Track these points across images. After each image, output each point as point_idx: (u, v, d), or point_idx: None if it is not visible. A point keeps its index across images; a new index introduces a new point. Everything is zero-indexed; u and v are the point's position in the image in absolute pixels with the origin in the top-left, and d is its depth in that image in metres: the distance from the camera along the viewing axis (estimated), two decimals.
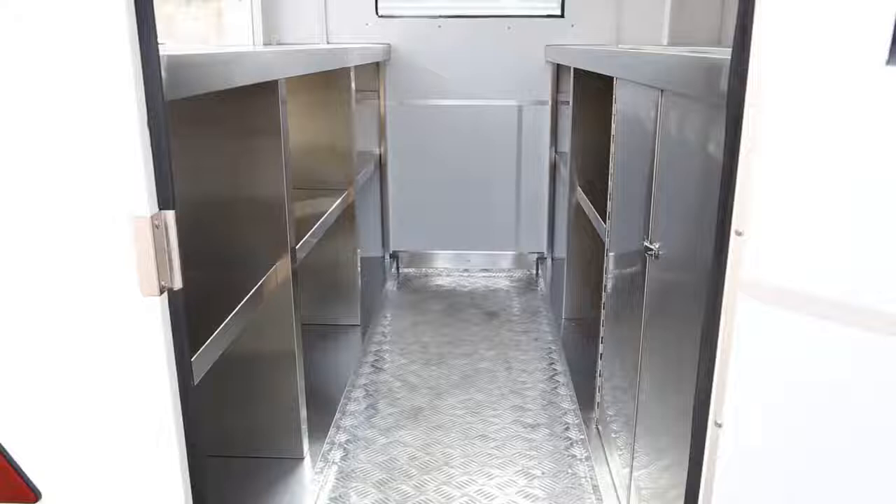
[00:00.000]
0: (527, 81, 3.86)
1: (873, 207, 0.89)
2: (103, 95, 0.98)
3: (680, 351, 1.47)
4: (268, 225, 1.97)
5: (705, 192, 1.31)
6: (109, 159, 1.01)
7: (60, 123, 1.00)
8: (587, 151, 3.04)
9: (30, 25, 0.97)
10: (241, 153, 1.93)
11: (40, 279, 1.07)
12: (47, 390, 1.12)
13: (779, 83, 0.90)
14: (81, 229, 1.04)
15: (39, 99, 0.99)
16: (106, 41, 0.97)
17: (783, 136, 0.91)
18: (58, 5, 0.96)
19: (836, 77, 0.87)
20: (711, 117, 1.28)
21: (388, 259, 4.16)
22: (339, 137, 2.92)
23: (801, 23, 0.87)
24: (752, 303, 0.99)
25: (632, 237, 1.92)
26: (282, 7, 3.81)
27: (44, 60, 0.98)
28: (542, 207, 4.04)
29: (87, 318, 1.08)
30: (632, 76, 1.92)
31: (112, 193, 1.03)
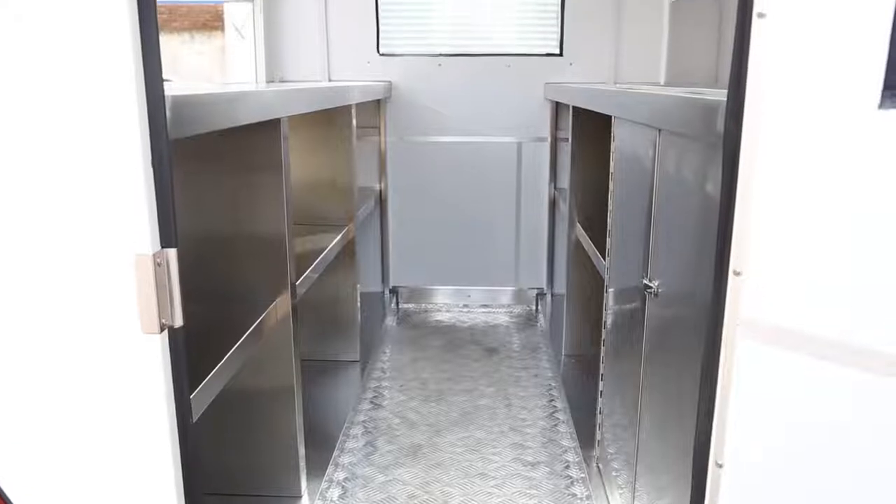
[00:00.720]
0: (526, 118, 3.90)
1: (870, 248, 0.90)
2: (109, 135, 1.00)
3: (680, 389, 1.47)
4: (268, 261, 1.98)
5: (703, 230, 1.32)
6: (113, 197, 1.02)
7: (66, 162, 1.01)
8: (586, 188, 3.06)
9: (37, 64, 0.98)
10: (243, 189, 1.95)
11: (42, 314, 1.07)
12: (45, 426, 1.12)
13: (775, 125, 0.91)
14: (83, 266, 1.05)
15: (45, 138, 1.01)
16: (112, 82, 0.98)
17: (779, 177, 0.92)
18: (65, 46, 0.98)
19: (831, 120, 0.88)
20: (709, 157, 1.30)
21: (388, 294, 4.16)
22: (339, 173, 2.94)
23: (795, 67, 0.89)
24: (751, 342, 0.99)
25: (631, 274, 1.92)
26: (284, 44, 3.87)
27: (50, 99, 0.99)
28: (542, 243, 4.05)
29: (87, 354, 1.08)
30: (630, 115, 1.95)
31: (115, 231, 1.03)
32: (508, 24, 3.86)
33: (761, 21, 0.89)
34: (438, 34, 3.89)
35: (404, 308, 4.16)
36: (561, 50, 3.84)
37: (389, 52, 3.88)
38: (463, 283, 4.16)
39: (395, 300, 4.18)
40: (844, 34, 0.87)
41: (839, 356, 0.93)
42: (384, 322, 3.91)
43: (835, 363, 0.94)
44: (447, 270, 4.14)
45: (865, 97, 0.85)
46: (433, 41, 3.89)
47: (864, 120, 0.86)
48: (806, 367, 0.95)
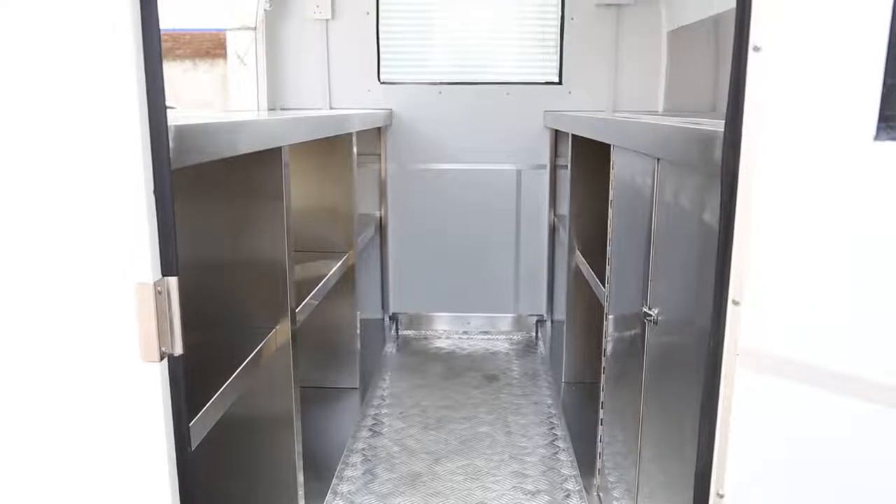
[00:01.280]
0: (526, 146, 3.93)
1: (870, 277, 0.90)
2: (111, 164, 1.01)
3: (681, 418, 1.46)
4: (268, 287, 1.98)
5: (702, 259, 1.33)
6: (115, 226, 1.03)
7: (69, 190, 1.02)
8: (586, 215, 3.07)
9: (41, 93, 0.99)
10: (243, 216, 1.95)
11: (42, 342, 1.07)
12: (44, 453, 1.11)
13: (772, 156, 0.92)
14: (84, 294, 1.05)
15: (48, 166, 1.01)
16: (115, 111, 0.99)
17: (778, 207, 0.93)
18: (69, 74, 0.99)
19: (827, 151, 0.89)
20: (707, 186, 1.30)
21: (388, 321, 4.16)
22: (340, 201, 2.95)
23: (791, 99, 0.90)
24: (750, 372, 0.99)
25: (631, 302, 1.93)
26: (286, 72, 3.90)
27: (54, 127, 1.00)
28: (542, 270, 4.05)
29: (87, 382, 1.08)
30: (628, 144, 1.96)
31: (116, 259, 1.04)
32: (508, 52, 3.90)
33: (757, 54, 0.90)
34: (439, 63, 3.93)
35: (404, 335, 4.16)
36: (560, 78, 3.87)
37: (390, 80, 3.92)
38: (463, 310, 4.16)
39: (394, 327, 4.17)
40: (839, 67, 0.88)
41: (840, 386, 0.93)
42: (384, 349, 3.90)
43: (835, 393, 0.94)
44: (447, 297, 4.14)
45: (861, 129, 0.86)
46: (433, 69, 3.93)
47: (860, 151, 0.87)
48: (806, 397, 0.95)
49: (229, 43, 3.97)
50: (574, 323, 3.22)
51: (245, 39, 3.85)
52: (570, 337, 3.24)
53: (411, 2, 3.87)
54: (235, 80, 3.92)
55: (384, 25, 3.86)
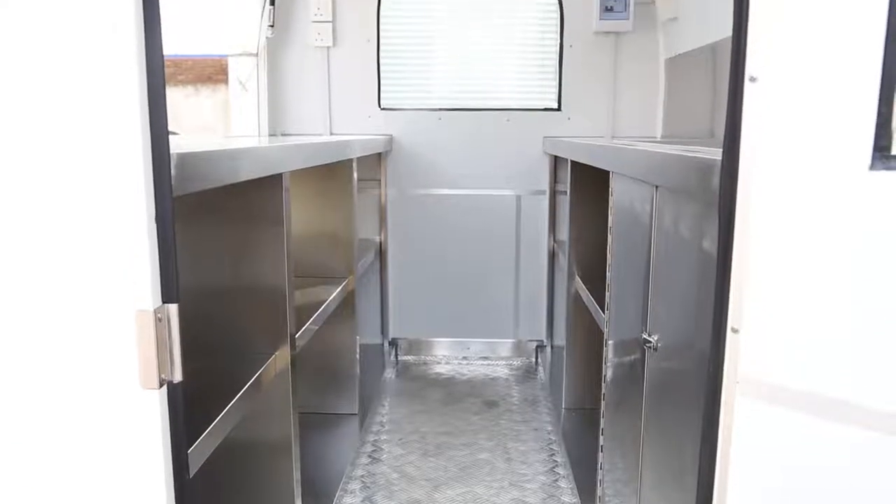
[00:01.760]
0: (525, 171, 3.94)
1: (868, 306, 0.90)
2: (114, 191, 1.01)
3: (681, 445, 1.46)
4: (268, 313, 1.98)
5: (701, 286, 1.33)
6: (116, 252, 1.03)
7: (70, 217, 1.02)
8: (585, 240, 3.08)
9: (45, 118, 1.00)
10: (243, 241, 1.96)
11: (41, 368, 1.07)
12: (42, 480, 1.11)
13: (769, 185, 0.93)
14: (84, 320, 1.05)
15: (51, 192, 1.02)
16: (118, 139, 1.00)
17: (775, 235, 0.93)
18: (72, 103, 1.00)
19: (824, 180, 0.90)
20: (705, 214, 1.31)
21: (388, 346, 4.15)
22: (340, 226, 2.96)
23: (788, 129, 0.91)
24: (750, 400, 0.99)
25: (630, 328, 1.93)
26: (287, 98, 3.93)
27: (57, 153, 1.01)
28: (541, 295, 4.05)
29: (85, 408, 1.08)
30: (627, 171, 1.97)
31: (116, 286, 1.04)
32: (507, 79, 3.94)
33: (753, 85, 0.91)
34: (439, 89, 3.96)
35: (403, 360, 4.15)
36: (559, 105, 3.90)
37: (390, 106, 3.95)
38: (462, 336, 4.16)
39: (394, 352, 4.16)
40: (834, 97, 0.89)
41: (840, 415, 0.93)
42: (383, 374, 3.89)
43: (836, 422, 0.94)
44: (446, 322, 4.14)
45: (856, 158, 0.87)
46: (433, 96, 3.96)
47: (856, 180, 0.87)
48: (807, 425, 0.95)
49: (231, 69, 4.01)
50: (574, 348, 3.22)
51: (247, 65, 3.89)
52: (570, 363, 3.23)
53: (412, 29, 3.91)
54: (237, 106, 3.95)
55: (385, 52, 3.90)
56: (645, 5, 3.73)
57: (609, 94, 3.86)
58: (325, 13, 3.83)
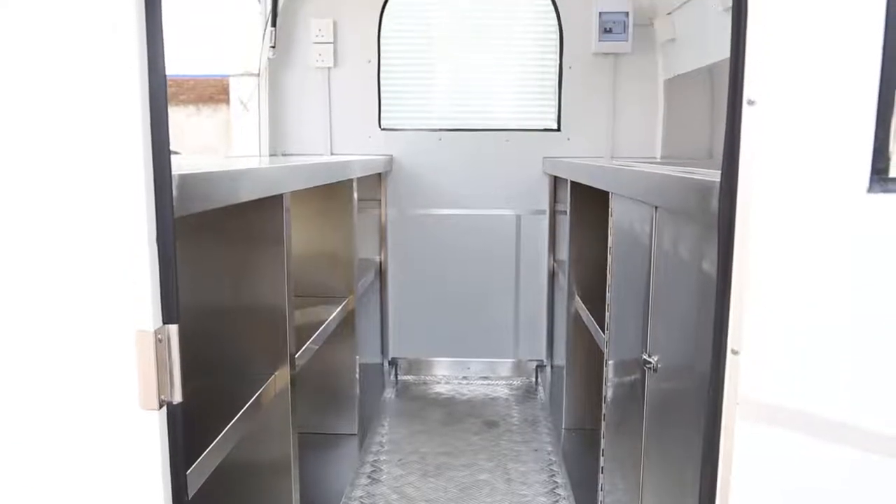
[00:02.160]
0: (525, 191, 3.96)
1: (867, 327, 0.91)
2: (115, 212, 1.02)
3: (682, 466, 1.45)
4: (268, 333, 1.98)
5: (701, 307, 1.33)
6: (117, 273, 1.03)
7: (71, 237, 1.03)
8: (585, 260, 3.08)
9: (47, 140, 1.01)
10: (244, 261, 1.96)
11: (40, 389, 1.07)
12: (39, 502, 1.10)
13: (768, 207, 0.93)
14: (84, 340, 1.05)
15: (51, 214, 1.02)
16: (120, 160, 1.01)
17: (775, 257, 0.94)
18: (75, 123, 1.00)
19: (822, 202, 0.90)
20: (705, 235, 1.31)
21: (387, 366, 4.14)
22: (340, 246, 2.97)
23: (786, 151, 0.91)
24: (750, 422, 0.99)
25: (630, 349, 1.92)
26: (288, 118, 3.95)
27: (58, 174, 1.01)
28: (542, 315, 4.05)
29: (84, 429, 1.08)
30: (626, 192, 1.98)
31: (117, 306, 1.04)
32: (507, 100, 3.96)
33: (751, 108, 0.92)
34: (439, 110, 3.98)
35: (403, 380, 4.13)
36: (559, 125, 3.92)
37: (391, 126, 3.97)
38: (462, 355, 4.15)
39: (394, 372, 4.15)
40: (832, 120, 0.90)
41: (840, 436, 0.93)
42: (383, 394, 3.88)
43: (835, 443, 0.94)
44: (447, 342, 4.13)
45: (854, 181, 0.88)
46: (434, 116, 3.98)
47: (855, 203, 0.88)
48: (806, 447, 0.95)
49: (232, 89, 4.03)
50: (574, 369, 3.21)
51: (248, 85, 3.91)
52: (570, 383, 3.23)
53: (412, 50, 3.94)
54: (238, 126, 3.97)
55: (385, 73, 3.92)
56: (643, 27, 3.76)
57: (608, 114, 3.88)
58: (327, 35, 3.86)
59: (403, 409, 3.69)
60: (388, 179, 3.97)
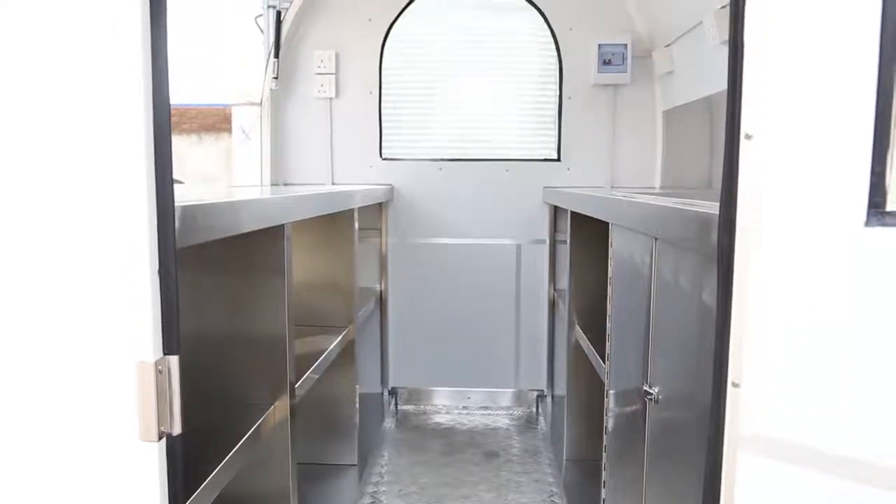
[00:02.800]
0: (525, 221, 3.97)
1: (868, 361, 0.91)
2: (118, 243, 1.02)
3: (683, 497, 1.44)
4: (268, 363, 1.97)
5: (702, 339, 1.33)
6: (118, 304, 1.04)
7: (74, 267, 1.03)
8: (585, 290, 3.08)
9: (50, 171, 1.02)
10: (244, 291, 1.96)
11: (38, 419, 1.07)
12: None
13: (767, 241, 0.94)
14: (84, 371, 1.05)
15: (54, 243, 1.03)
16: (123, 191, 1.02)
17: (774, 291, 0.94)
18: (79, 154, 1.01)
19: (821, 236, 0.91)
20: (705, 267, 1.32)
21: (387, 395, 4.12)
22: (341, 275, 2.97)
23: (784, 185, 0.92)
24: (752, 455, 0.99)
25: (631, 379, 1.92)
26: (290, 148, 3.98)
27: (62, 204, 1.02)
28: (542, 344, 4.04)
29: (82, 461, 1.07)
30: (626, 223, 1.99)
31: (117, 337, 1.04)
32: (507, 130, 3.99)
33: (749, 142, 0.93)
34: (439, 140, 4.01)
35: (403, 409, 4.11)
36: (559, 155, 3.95)
37: (392, 156, 3.99)
38: (463, 385, 4.13)
39: (394, 401, 4.13)
40: (829, 154, 0.91)
41: (841, 470, 0.93)
42: (383, 424, 3.86)
43: (837, 477, 0.93)
44: (447, 371, 4.11)
45: (853, 215, 0.89)
46: (434, 146, 4.00)
47: (853, 237, 0.89)
48: (808, 480, 0.95)
49: (235, 117, 4.06)
50: (575, 399, 3.19)
51: (250, 115, 3.94)
52: (571, 413, 3.21)
53: (413, 81, 3.97)
54: (240, 155, 3.99)
55: (386, 104, 3.96)
56: (642, 59, 3.80)
57: (608, 144, 3.91)
58: (329, 66, 3.90)
59: (403, 440, 3.67)
60: (388, 208, 3.98)
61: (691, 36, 3.25)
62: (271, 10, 3.99)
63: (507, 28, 3.92)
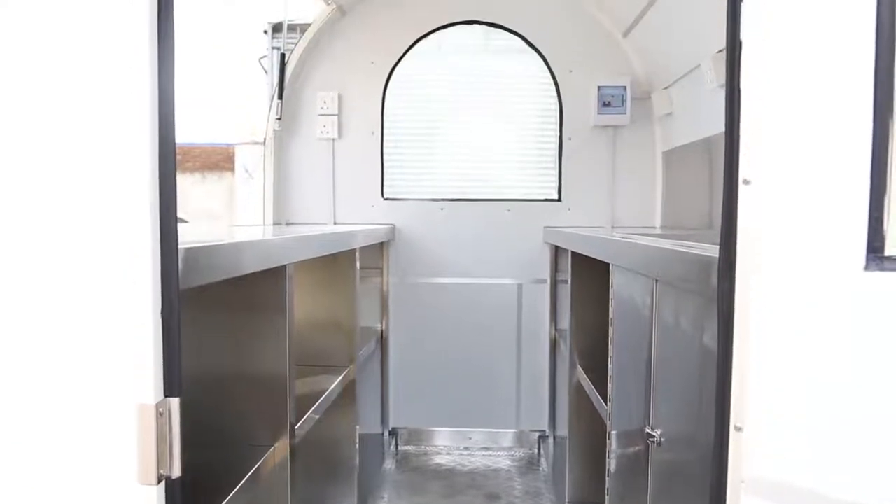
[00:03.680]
0: (526, 261, 3.98)
1: (869, 405, 0.90)
2: (121, 285, 1.03)
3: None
4: (268, 403, 1.96)
5: (704, 381, 1.33)
6: (120, 345, 1.04)
7: (76, 307, 1.03)
8: (586, 330, 3.07)
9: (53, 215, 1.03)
10: (245, 330, 1.96)
11: (37, 460, 1.06)
12: None
13: (767, 286, 0.94)
14: (84, 413, 1.05)
15: (57, 287, 1.03)
16: (128, 234, 1.02)
17: (775, 335, 0.94)
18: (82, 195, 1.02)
19: (820, 280, 0.91)
20: (706, 308, 1.32)
21: (388, 436, 4.08)
22: (342, 315, 2.97)
23: (783, 230, 0.93)
24: (755, 499, 0.98)
25: (633, 420, 1.91)
26: (292, 187, 4.00)
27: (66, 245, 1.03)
28: (544, 384, 4.01)
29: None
30: (626, 264, 2.00)
31: (118, 379, 1.04)
32: (508, 171, 4.02)
33: (747, 187, 0.94)
34: (441, 180, 4.04)
35: (403, 450, 4.07)
36: (559, 195, 3.97)
37: (393, 196, 4.02)
38: (464, 425, 4.10)
39: (394, 442, 4.09)
40: (827, 200, 0.91)
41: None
42: (383, 465, 3.82)
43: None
44: (448, 412, 4.08)
45: (852, 259, 0.89)
46: (436, 186, 4.03)
47: (853, 282, 0.89)
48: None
49: (238, 156, 4.11)
50: (576, 440, 3.16)
51: (254, 154, 3.98)
52: (573, 454, 3.18)
53: (415, 122, 4.02)
54: (243, 194, 4.03)
55: (388, 144, 4.00)
56: (641, 101, 3.84)
57: (608, 184, 3.93)
58: (332, 107, 3.94)
59: (404, 481, 3.63)
60: (390, 248, 3.99)
61: (689, 78, 3.29)
62: (275, 52, 4.07)
63: (508, 70, 3.98)
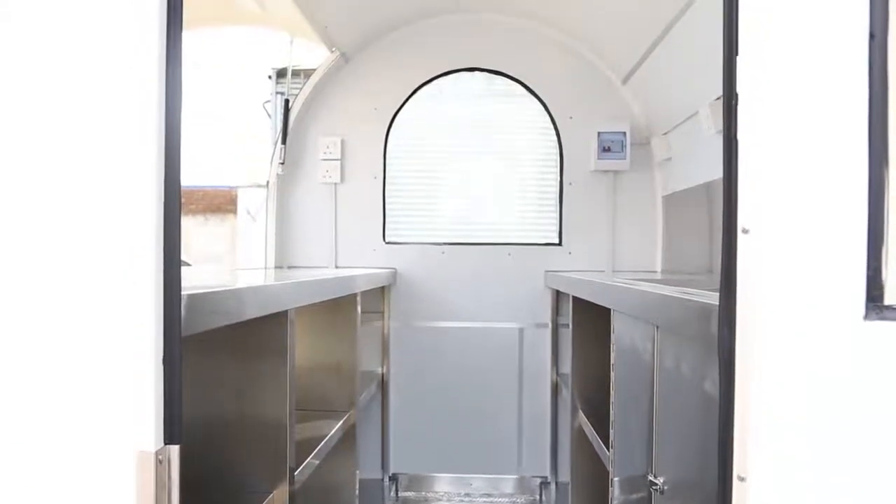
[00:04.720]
0: (527, 305, 3.97)
1: (870, 453, 0.90)
2: (123, 333, 1.03)
3: None
4: (268, 448, 1.95)
5: (706, 428, 1.32)
6: (121, 392, 1.04)
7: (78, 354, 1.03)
8: (588, 374, 3.06)
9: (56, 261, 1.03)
10: (246, 375, 1.95)
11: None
12: None
13: (767, 334, 0.95)
14: (83, 459, 1.04)
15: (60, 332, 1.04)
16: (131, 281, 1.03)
17: (776, 384, 0.94)
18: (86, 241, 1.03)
19: (821, 330, 0.92)
20: (707, 356, 1.32)
21: (388, 481, 4.03)
22: (343, 359, 2.96)
23: (782, 279, 0.94)
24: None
25: (636, 467, 1.89)
26: (294, 231, 4.02)
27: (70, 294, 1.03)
28: (545, 430, 3.98)
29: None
30: (627, 310, 2.00)
31: (119, 426, 1.04)
32: (509, 215, 4.04)
33: (746, 236, 0.95)
34: (442, 224, 4.06)
35: (404, 496, 4.02)
36: (560, 239, 3.99)
37: (395, 240, 4.03)
38: (465, 471, 4.05)
39: (394, 488, 4.04)
40: (826, 249, 0.92)
41: None
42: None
43: None
44: (448, 457, 4.04)
45: (851, 309, 0.90)
46: (437, 230, 4.05)
47: (852, 331, 0.89)
48: None
49: (240, 199, 4.12)
50: (579, 486, 3.13)
51: (256, 197, 4.01)
52: (575, 500, 3.13)
53: (417, 167, 4.05)
54: (245, 236, 4.03)
55: (390, 189, 4.03)
56: (641, 146, 3.88)
57: (608, 229, 3.95)
58: (334, 152, 3.98)
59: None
60: (391, 292, 4.00)
61: (688, 125, 3.33)
62: (279, 97, 4.11)
63: (509, 116, 4.03)
